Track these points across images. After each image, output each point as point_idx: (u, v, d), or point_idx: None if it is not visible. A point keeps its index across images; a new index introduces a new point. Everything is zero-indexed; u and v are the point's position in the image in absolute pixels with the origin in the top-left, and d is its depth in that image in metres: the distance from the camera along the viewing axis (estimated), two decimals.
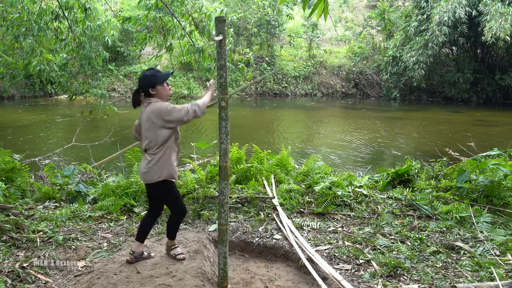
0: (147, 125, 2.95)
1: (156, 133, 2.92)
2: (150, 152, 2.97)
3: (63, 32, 5.91)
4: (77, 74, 6.20)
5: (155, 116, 2.90)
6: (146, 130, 2.97)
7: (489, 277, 3.00)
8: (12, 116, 15.25)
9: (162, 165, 2.96)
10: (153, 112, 2.91)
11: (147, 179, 3.00)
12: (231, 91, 5.71)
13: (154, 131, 2.92)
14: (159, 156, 2.95)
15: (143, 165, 3.01)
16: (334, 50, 27.17)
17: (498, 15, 16.61)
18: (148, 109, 2.96)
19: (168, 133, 2.95)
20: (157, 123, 2.90)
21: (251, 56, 5.92)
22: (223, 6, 7.13)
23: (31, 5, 5.36)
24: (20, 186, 4.91)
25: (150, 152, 2.97)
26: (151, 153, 2.96)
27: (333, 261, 3.37)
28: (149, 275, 3.01)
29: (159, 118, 2.89)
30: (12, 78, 5.80)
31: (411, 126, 14.10)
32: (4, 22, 5.32)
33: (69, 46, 5.68)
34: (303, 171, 5.73)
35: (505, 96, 21.26)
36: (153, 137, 2.93)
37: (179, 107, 2.92)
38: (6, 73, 5.82)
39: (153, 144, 2.95)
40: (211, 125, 12.99)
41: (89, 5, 5.77)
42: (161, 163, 2.96)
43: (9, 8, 5.41)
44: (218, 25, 2.70)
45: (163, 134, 2.93)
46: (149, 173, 2.97)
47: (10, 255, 3.30)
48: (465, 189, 4.64)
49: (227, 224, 2.82)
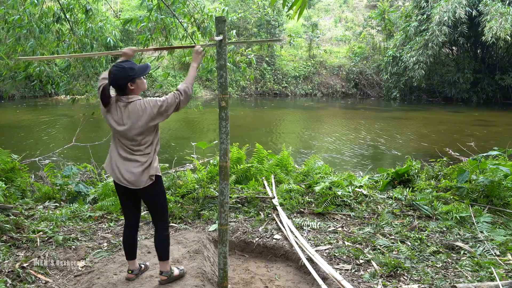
0: (130, 125, 2.61)
1: (146, 132, 2.64)
2: (138, 153, 2.67)
3: (65, 34, 5.90)
4: (79, 76, 6.19)
5: (146, 116, 2.60)
6: (128, 131, 2.62)
7: (489, 277, 3.00)
8: (12, 116, 15.26)
9: (154, 162, 2.72)
10: (141, 111, 2.60)
11: (137, 184, 2.67)
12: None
13: (142, 130, 2.62)
14: (151, 154, 2.70)
15: (131, 170, 2.66)
16: (334, 50, 27.18)
17: (498, 15, 16.62)
18: (130, 109, 2.61)
19: (156, 128, 2.72)
20: (148, 122, 2.61)
21: (253, 57, 5.91)
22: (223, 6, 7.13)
23: (32, 8, 5.36)
24: (20, 186, 4.91)
25: (139, 153, 2.67)
26: (141, 154, 2.67)
27: (333, 261, 3.37)
28: (149, 275, 3.02)
29: (151, 117, 2.61)
30: (13, 79, 5.80)
31: (411, 126, 14.10)
32: (5, 24, 5.32)
33: (71, 48, 5.67)
34: (303, 171, 5.73)
35: (505, 96, 21.26)
36: (143, 136, 2.65)
37: (168, 98, 2.64)
38: (9, 75, 5.82)
39: (144, 142, 2.66)
40: (211, 125, 13.00)
41: (90, 6, 5.77)
42: (153, 161, 2.71)
43: (10, 11, 5.41)
44: (218, 25, 2.70)
45: (154, 130, 2.70)
46: (142, 176, 2.67)
47: (10, 255, 3.29)
48: (465, 189, 4.64)
49: (227, 224, 2.82)
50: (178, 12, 5.37)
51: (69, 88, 6.04)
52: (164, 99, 2.64)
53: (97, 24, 5.85)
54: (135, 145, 2.67)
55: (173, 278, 2.93)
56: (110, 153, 2.78)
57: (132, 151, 2.68)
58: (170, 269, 2.93)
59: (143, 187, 2.70)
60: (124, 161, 2.69)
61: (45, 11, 5.58)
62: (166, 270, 2.89)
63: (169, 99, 2.63)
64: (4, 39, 5.74)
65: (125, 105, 2.64)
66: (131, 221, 2.94)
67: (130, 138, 2.65)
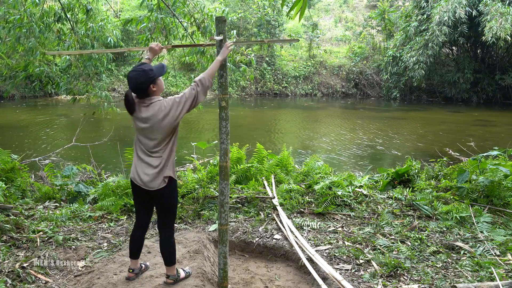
0: (152, 126, 2.63)
1: (166, 132, 2.64)
2: (156, 155, 2.68)
3: (65, 33, 5.91)
4: (79, 76, 6.19)
5: (169, 113, 2.60)
6: (150, 132, 2.64)
7: (489, 277, 3.00)
8: (12, 116, 15.26)
9: (170, 164, 2.71)
10: (163, 110, 2.60)
11: (151, 185, 2.68)
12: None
13: (163, 131, 2.63)
14: (167, 155, 2.68)
15: (146, 171, 2.68)
16: (334, 50, 27.18)
17: (498, 15, 16.62)
18: (153, 108, 2.62)
19: (176, 129, 2.70)
20: (170, 121, 2.61)
21: (253, 57, 5.92)
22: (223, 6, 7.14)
23: (33, 7, 5.36)
24: (20, 186, 4.90)
25: (156, 155, 2.68)
26: (158, 156, 2.67)
27: (333, 261, 3.37)
28: (149, 275, 3.02)
29: (173, 114, 2.60)
30: (14, 78, 5.80)
31: (411, 126, 14.10)
32: (6, 24, 5.32)
33: (72, 48, 5.68)
34: (303, 171, 5.73)
35: (505, 96, 21.26)
36: (163, 136, 2.65)
37: (186, 92, 2.64)
38: (9, 74, 5.83)
39: (162, 143, 2.66)
40: (211, 125, 13.00)
41: (90, 6, 5.77)
42: (169, 162, 2.70)
43: (11, 10, 5.41)
44: (218, 25, 2.71)
45: (173, 131, 2.68)
46: (157, 178, 2.67)
47: (10, 255, 3.29)
48: (465, 189, 4.64)
49: (227, 224, 2.82)
50: (178, 11, 5.38)
51: (70, 88, 6.04)
52: (182, 94, 2.65)
53: (98, 24, 5.85)
54: (153, 146, 2.67)
55: (179, 280, 2.94)
56: (133, 156, 2.82)
57: (150, 152, 2.69)
58: (177, 272, 2.93)
59: (157, 189, 2.69)
60: (142, 162, 2.71)
61: (46, 11, 5.58)
62: (173, 274, 2.90)
63: (187, 93, 2.64)
64: (4, 39, 5.74)
65: (148, 105, 2.64)
66: (142, 222, 2.94)
67: (151, 137, 2.66)
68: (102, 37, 5.87)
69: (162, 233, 2.86)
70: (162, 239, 2.86)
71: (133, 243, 2.93)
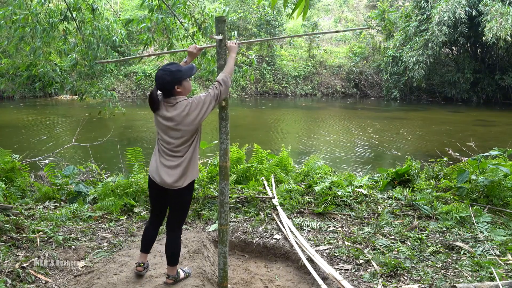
0: (176, 126, 2.62)
1: (190, 132, 2.64)
2: (178, 154, 2.67)
3: (71, 33, 5.91)
4: (85, 75, 6.21)
5: (193, 115, 2.60)
6: (174, 132, 2.64)
7: (489, 277, 3.00)
8: (12, 116, 15.26)
9: (194, 164, 2.72)
10: (188, 110, 2.61)
11: (175, 185, 2.68)
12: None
13: (187, 130, 2.63)
14: (190, 155, 2.69)
15: (167, 171, 2.68)
16: (334, 50, 27.16)
17: (498, 15, 16.61)
18: (177, 110, 2.62)
19: (199, 129, 2.71)
20: (194, 121, 2.61)
21: (253, 58, 5.92)
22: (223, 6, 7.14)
23: (39, 7, 5.36)
24: (20, 186, 4.91)
25: (179, 154, 2.67)
26: (180, 155, 2.67)
27: (333, 261, 3.37)
28: (149, 275, 3.02)
29: (197, 113, 2.60)
30: (20, 77, 5.82)
31: (411, 126, 14.10)
32: (12, 24, 5.33)
33: (78, 47, 5.68)
34: (303, 171, 5.73)
35: (505, 96, 21.25)
36: (186, 136, 2.65)
37: (210, 91, 2.64)
38: (15, 74, 5.85)
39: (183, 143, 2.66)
40: (211, 125, 12.99)
41: (96, 5, 5.77)
42: (193, 163, 2.71)
43: (17, 10, 5.42)
44: (218, 25, 2.71)
45: (196, 131, 2.68)
46: (179, 177, 2.67)
47: (10, 255, 3.29)
48: (465, 189, 4.64)
49: (227, 224, 2.82)
50: (179, 12, 5.38)
51: (76, 86, 6.06)
52: (206, 94, 2.66)
53: (104, 23, 5.86)
54: (176, 146, 2.67)
55: (179, 280, 2.95)
56: (153, 154, 2.82)
57: (172, 152, 2.69)
58: (177, 272, 2.94)
59: (176, 189, 2.71)
60: (163, 161, 2.71)
61: (52, 10, 5.59)
62: (173, 274, 2.91)
63: (211, 93, 2.65)
64: (12, 38, 5.76)
65: (173, 105, 2.64)
66: (156, 219, 2.98)
67: (174, 136, 2.66)
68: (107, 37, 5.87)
69: (170, 233, 2.88)
70: (169, 239, 2.87)
71: (145, 237, 2.98)
